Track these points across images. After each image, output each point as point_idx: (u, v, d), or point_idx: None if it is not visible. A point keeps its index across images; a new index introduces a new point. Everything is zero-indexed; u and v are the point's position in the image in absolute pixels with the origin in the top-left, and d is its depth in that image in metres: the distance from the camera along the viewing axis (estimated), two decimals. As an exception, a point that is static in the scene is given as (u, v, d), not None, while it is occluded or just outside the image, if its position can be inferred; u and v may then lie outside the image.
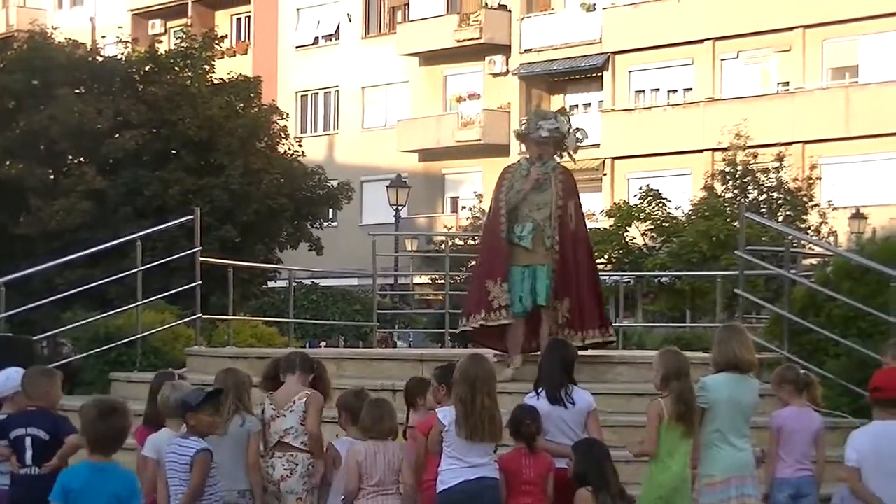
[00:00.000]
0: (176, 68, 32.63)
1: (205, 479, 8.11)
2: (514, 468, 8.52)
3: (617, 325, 23.31)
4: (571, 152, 12.94)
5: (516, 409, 8.78)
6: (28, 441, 8.82)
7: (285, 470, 8.76)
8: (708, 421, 8.69)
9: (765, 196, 38.21)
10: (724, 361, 8.79)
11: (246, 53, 57.30)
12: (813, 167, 40.54)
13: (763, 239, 26.13)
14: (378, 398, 9.23)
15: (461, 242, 35.00)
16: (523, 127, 13.18)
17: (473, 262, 16.74)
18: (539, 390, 9.05)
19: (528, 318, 12.64)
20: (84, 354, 15.02)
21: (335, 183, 35.39)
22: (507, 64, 50.75)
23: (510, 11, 50.79)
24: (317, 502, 9.03)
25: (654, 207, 39.31)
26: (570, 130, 12.85)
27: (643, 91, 48.36)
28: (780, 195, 38.28)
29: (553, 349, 9.52)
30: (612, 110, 48.11)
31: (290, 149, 34.42)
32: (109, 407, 7.26)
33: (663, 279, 36.40)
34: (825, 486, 9.82)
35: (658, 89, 48.10)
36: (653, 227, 39.14)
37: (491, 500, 8.37)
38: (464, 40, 51.04)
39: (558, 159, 12.96)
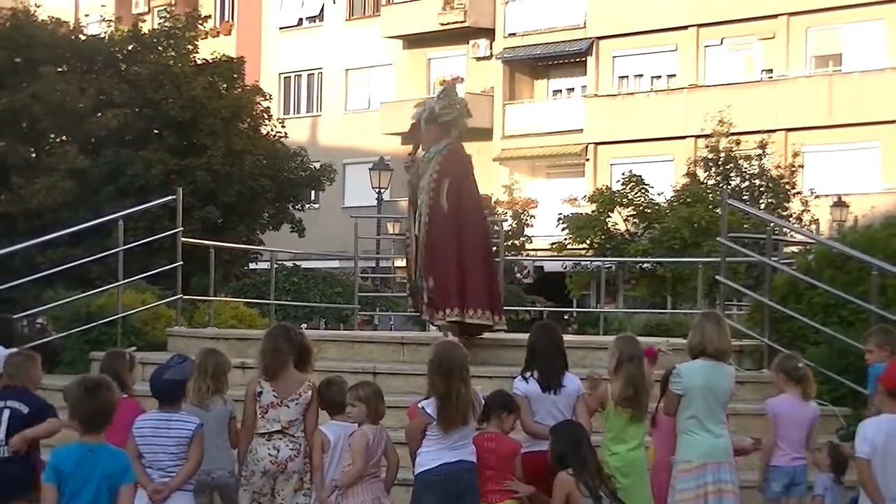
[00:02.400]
0: (159, 48, 32.58)
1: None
2: (478, 454, 8.43)
3: (598, 310, 23.45)
4: (445, 124, 12.87)
5: (492, 395, 8.75)
6: (7, 414, 8.79)
7: (291, 450, 8.83)
8: (683, 407, 8.69)
9: (747, 183, 38.16)
10: (699, 348, 8.78)
11: (229, 34, 57.09)
12: (795, 155, 40.53)
13: (745, 226, 26.06)
14: (370, 381, 9.25)
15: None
16: None
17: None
18: (528, 374, 8.99)
19: None
20: (65, 333, 15.01)
21: (317, 165, 35.38)
22: (491, 48, 50.61)
23: (495, -5, 50.71)
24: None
25: (636, 193, 39.22)
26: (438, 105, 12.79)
27: (627, 77, 48.27)
28: (763, 182, 38.24)
29: (541, 332, 9.34)
30: (596, 95, 48.03)
31: (272, 130, 34.39)
32: (95, 383, 7.18)
33: (645, 265, 36.35)
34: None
35: (642, 75, 48.01)
36: (635, 213, 39.07)
37: (467, 482, 8.31)
38: (448, 23, 50.93)
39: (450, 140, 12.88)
